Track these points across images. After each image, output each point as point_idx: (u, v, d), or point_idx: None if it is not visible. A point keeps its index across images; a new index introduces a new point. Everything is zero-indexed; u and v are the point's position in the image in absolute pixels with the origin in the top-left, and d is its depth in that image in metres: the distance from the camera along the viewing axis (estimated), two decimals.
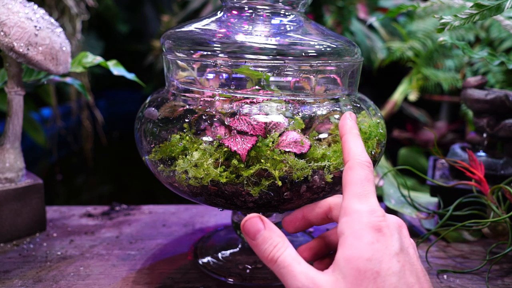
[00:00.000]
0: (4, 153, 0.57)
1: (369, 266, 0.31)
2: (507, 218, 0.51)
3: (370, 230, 0.32)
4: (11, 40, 0.51)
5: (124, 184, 1.33)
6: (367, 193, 0.34)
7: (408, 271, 0.32)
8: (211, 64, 0.43)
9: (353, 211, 0.33)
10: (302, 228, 0.41)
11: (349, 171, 0.36)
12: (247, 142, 0.39)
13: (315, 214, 0.40)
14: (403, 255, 0.32)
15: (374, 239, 0.32)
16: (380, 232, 0.32)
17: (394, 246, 0.32)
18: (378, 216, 0.33)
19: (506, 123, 0.62)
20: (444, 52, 1.06)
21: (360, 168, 0.35)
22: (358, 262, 0.31)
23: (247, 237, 0.35)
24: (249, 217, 0.35)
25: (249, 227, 0.35)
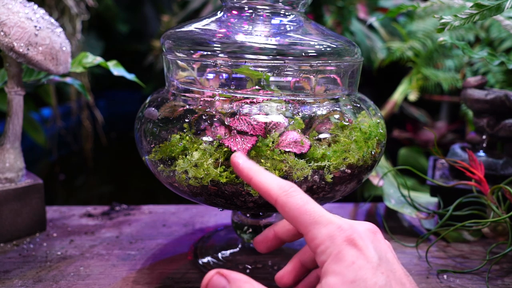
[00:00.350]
0: (4, 153, 0.57)
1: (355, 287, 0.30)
2: (507, 218, 0.51)
3: (346, 247, 0.31)
4: (11, 40, 0.51)
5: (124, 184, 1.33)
6: (319, 215, 0.33)
7: (393, 280, 0.31)
8: (211, 64, 0.43)
9: (323, 238, 0.32)
10: (274, 247, 0.40)
11: (285, 209, 0.33)
12: (247, 142, 0.39)
13: (285, 231, 0.38)
14: (384, 265, 0.31)
15: (353, 257, 0.31)
16: (356, 246, 0.31)
17: (374, 258, 0.31)
18: (344, 229, 0.32)
19: (506, 123, 0.62)
20: (444, 52, 1.06)
21: (289, 198, 0.33)
22: (343, 287, 0.30)
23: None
24: (209, 277, 0.32)
25: (213, 287, 0.32)
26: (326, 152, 0.40)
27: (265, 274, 0.50)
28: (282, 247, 0.55)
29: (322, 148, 0.41)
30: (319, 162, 0.40)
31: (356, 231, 0.32)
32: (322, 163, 0.40)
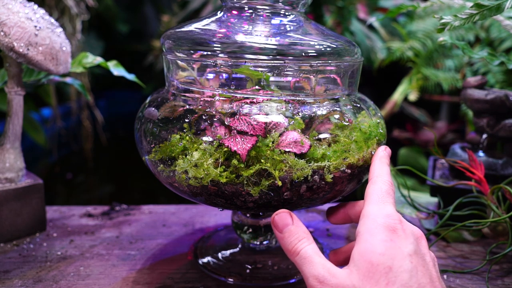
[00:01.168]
0: (4, 153, 0.57)
1: (382, 260, 0.32)
2: (507, 218, 0.51)
3: (384, 229, 0.34)
4: (11, 40, 0.51)
5: (124, 184, 1.33)
6: (386, 202, 0.37)
7: (421, 272, 0.32)
8: (211, 64, 0.43)
9: (370, 213, 0.36)
10: (343, 222, 0.45)
11: (371, 185, 0.39)
12: (247, 142, 0.39)
13: (354, 212, 0.43)
14: (417, 258, 0.33)
15: (387, 237, 0.33)
16: (395, 233, 0.34)
17: (408, 248, 0.33)
18: (393, 219, 0.35)
19: (506, 123, 0.62)
20: (444, 52, 1.06)
21: (382, 183, 0.38)
22: (371, 255, 0.33)
23: (275, 229, 0.39)
24: (279, 212, 0.39)
25: (278, 220, 0.39)
26: (326, 152, 0.40)
27: (265, 274, 0.50)
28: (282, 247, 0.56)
29: (322, 148, 0.41)
30: (319, 162, 0.40)
31: (400, 225, 0.35)
32: (322, 163, 0.40)
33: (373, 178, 0.39)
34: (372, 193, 0.38)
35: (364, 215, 0.36)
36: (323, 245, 0.58)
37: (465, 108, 0.99)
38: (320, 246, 0.57)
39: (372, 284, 0.32)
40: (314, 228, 0.63)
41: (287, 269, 0.51)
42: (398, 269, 0.32)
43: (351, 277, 0.33)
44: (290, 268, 0.52)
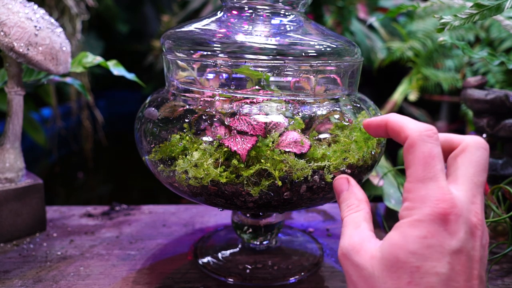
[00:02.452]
0: (4, 153, 0.57)
1: (411, 259, 0.29)
2: (507, 218, 0.51)
3: (431, 221, 0.29)
4: (11, 40, 0.51)
5: (124, 184, 1.33)
6: (433, 175, 0.30)
7: (458, 272, 0.29)
8: (211, 64, 0.43)
9: (417, 197, 0.30)
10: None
11: (409, 150, 0.32)
12: (247, 142, 0.39)
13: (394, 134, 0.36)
14: (459, 256, 0.29)
15: (429, 233, 0.29)
16: (444, 223, 0.29)
17: (451, 245, 0.29)
18: (446, 205, 0.29)
19: (506, 123, 0.62)
20: (444, 52, 1.06)
21: (422, 143, 0.31)
22: (400, 251, 0.29)
23: (336, 195, 0.39)
24: (339, 177, 0.38)
25: (336, 185, 0.39)
26: (326, 152, 0.40)
27: (265, 274, 0.50)
28: (282, 247, 0.56)
29: (322, 148, 0.41)
30: (319, 162, 0.40)
31: (456, 212, 0.29)
32: (322, 163, 0.40)
33: (408, 138, 0.32)
34: (412, 164, 0.31)
35: (409, 197, 0.31)
36: (323, 245, 0.58)
37: (465, 108, 0.99)
38: (320, 246, 0.57)
39: (393, 278, 0.29)
40: (314, 228, 0.63)
41: (287, 269, 0.51)
42: (427, 270, 0.28)
43: (373, 263, 0.30)
44: (290, 268, 0.52)
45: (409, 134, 0.32)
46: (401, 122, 0.34)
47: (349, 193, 0.37)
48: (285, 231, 0.61)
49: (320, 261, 0.54)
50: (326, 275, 0.51)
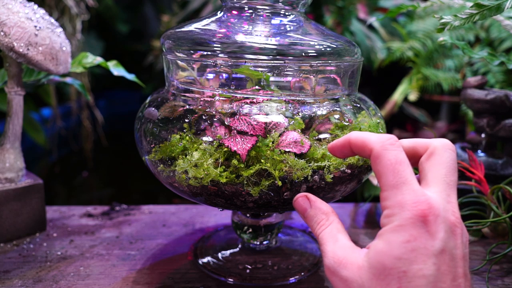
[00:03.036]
0: (4, 153, 0.57)
1: (397, 264, 0.29)
2: (507, 218, 0.51)
3: (412, 225, 0.30)
4: (11, 40, 0.51)
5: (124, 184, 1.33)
6: (404, 180, 0.31)
7: (444, 272, 0.29)
8: (211, 64, 0.43)
9: (394, 204, 0.31)
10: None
11: (376, 161, 0.32)
12: (247, 142, 0.39)
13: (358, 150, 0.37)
14: (443, 256, 0.29)
15: (411, 236, 0.29)
16: (424, 224, 0.29)
17: (435, 246, 0.29)
18: (423, 206, 0.30)
19: (506, 123, 0.62)
20: (444, 52, 1.06)
21: (386, 152, 0.32)
22: (386, 258, 0.30)
23: (299, 214, 0.39)
24: (297, 196, 0.38)
25: (297, 207, 0.38)
26: (326, 152, 0.40)
27: (265, 274, 0.50)
28: (282, 247, 0.56)
29: (322, 148, 0.41)
30: (319, 162, 0.40)
31: (434, 213, 0.30)
32: (322, 163, 0.40)
33: (372, 151, 0.33)
34: (381, 174, 0.32)
35: (387, 204, 0.31)
36: None
37: (465, 108, 0.99)
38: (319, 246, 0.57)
39: (382, 286, 0.29)
40: None
41: (287, 269, 0.51)
42: (415, 274, 0.29)
43: (361, 273, 0.31)
44: (290, 268, 0.52)
45: (372, 147, 0.33)
46: (362, 138, 0.34)
47: (313, 209, 0.37)
48: (285, 231, 0.61)
49: (320, 261, 0.54)
50: (326, 275, 0.51)
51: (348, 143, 0.36)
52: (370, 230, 0.63)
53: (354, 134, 0.35)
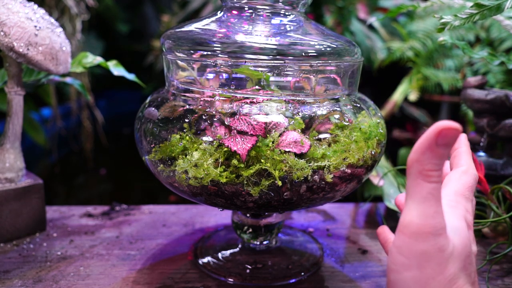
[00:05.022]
0: (4, 153, 0.57)
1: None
2: (507, 218, 0.51)
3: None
4: (11, 40, 0.51)
5: (124, 184, 1.33)
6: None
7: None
8: (211, 64, 0.43)
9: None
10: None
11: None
12: (247, 142, 0.39)
13: None
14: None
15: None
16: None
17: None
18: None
19: (506, 123, 0.62)
20: (444, 52, 1.06)
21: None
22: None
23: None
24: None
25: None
26: (326, 152, 0.40)
27: (265, 274, 0.50)
28: (282, 247, 0.56)
29: (322, 148, 0.41)
30: (319, 162, 0.40)
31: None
32: (322, 163, 0.40)
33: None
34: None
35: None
36: (323, 245, 0.58)
37: (465, 108, 0.99)
38: (320, 246, 0.57)
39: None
40: (314, 228, 0.63)
41: (287, 269, 0.51)
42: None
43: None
44: (290, 268, 0.52)
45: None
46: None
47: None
48: (285, 231, 0.61)
49: (320, 261, 0.54)
50: (326, 275, 0.51)
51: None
52: (370, 230, 0.63)
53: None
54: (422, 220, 0.29)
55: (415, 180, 0.29)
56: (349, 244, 0.59)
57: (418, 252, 0.28)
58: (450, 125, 0.27)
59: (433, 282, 0.28)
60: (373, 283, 0.50)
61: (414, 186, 0.29)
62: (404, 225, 0.29)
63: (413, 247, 0.29)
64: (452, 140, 0.28)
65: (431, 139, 0.28)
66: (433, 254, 0.28)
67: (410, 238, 0.29)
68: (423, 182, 0.29)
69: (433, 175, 0.29)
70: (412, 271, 0.29)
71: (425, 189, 0.29)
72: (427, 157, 0.28)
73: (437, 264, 0.28)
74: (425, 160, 0.28)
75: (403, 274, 0.29)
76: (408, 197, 0.29)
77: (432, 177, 0.29)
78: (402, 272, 0.29)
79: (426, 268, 0.28)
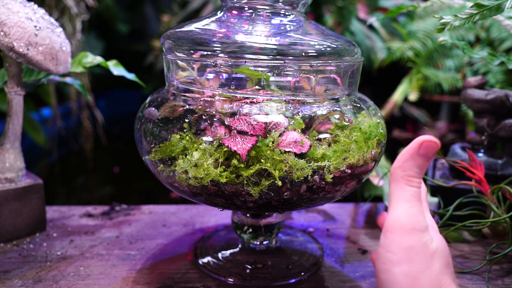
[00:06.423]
0: (4, 153, 0.57)
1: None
2: (507, 218, 0.51)
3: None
4: (11, 40, 0.51)
5: (124, 184, 1.33)
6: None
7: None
8: (211, 64, 0.43)
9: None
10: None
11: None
12: (247, 142, 0.39)
13: None
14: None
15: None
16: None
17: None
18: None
19: (506, 123, 0.62)
20: (444, 52, 1.06)
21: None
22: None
23: None
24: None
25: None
26: (326, 152, 0.40)
27: (265, 274, 0.50)
28: (282, 247, 0.56)
29: (322, 148, 0.41)
30: (319, 162, 0.40)
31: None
32: (322, 163, 0.40)
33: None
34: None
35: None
36: (323, 245, 0.58)
37: (465, 108, 0.99)
38: (320, 246, 0.57)
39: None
40: (314, 228, 0.63)
41: (287, 269, 0.51)
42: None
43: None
44: (290, 268, 0.52)
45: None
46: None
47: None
48: (285, 231, 0.61)
49: (320, 261, 0.54)
50: (326, 275, 0.51)
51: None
52: (370, 230, 0.63)
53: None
54: (407, 218, 0.32)
55: (398, 184, 0.33)
56: (349, 244, 0.59)
57: (405, 246, 0.31)
58: (431, 139, 0.32)
59: (422, 276, 0.31)
60: (373, 283, 0.50)
61: (397, 189, 0.33)
62: (390, 224, 0.32)
63: (400, 242, 0.31)
64: (432, 152, 0.32)
65: (414, 149, 0.32)
66: (419, 249, 0.31)
67: (397, 234, 0.32)
68: (405, 186, 0.33)
69: (414, 181, 0.33)
70: (401, 266, 0.31)
71: (408, 191, 0.32)
72: (409, 164, 0.33)
73: (424, 258, 0.31)
74: (407, 167, 0.33)
75: (393, 270, 0.31)
76: (393, 200, 0.33)
77: (414, 182, 0.33)
78: (392, 269, 0.31)
79: (414, 262, 0.31)
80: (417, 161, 0.32)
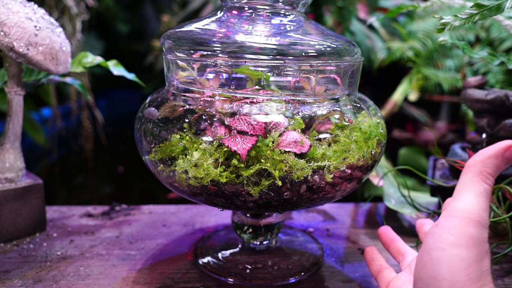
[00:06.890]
0: (4, 153, 0.57)
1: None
2: (507, 218, 0.51)
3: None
4: (11, 40, 0.51)
5: (124, 184, 1.33)
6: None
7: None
8: (211, 64, 0.43)
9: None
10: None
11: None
12: (247, 142, 0.39)
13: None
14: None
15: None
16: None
17: None
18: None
19: (506, 123, 0.62)
20: (444, 52, 1.06)
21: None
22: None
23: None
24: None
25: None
26: (326, 152, 0.40)
27: (265, 274, 0.50)
28: (282, 247, 0.56)
29: (322, 148, 0.41)
30: (319, 162, 0.40)
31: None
32: (322, 163, 0.40)
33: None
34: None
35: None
36: (323, 245, 0.58)
37: (465, 108, 0.99)
38: (320, 246, 0.57)
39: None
40: (314, 228, 0.63)
41: (287, 269, 0.51)
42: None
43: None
44: (290, 268, 0.52)
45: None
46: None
47: None
48: (285, 231, 0.61)
49: (320, 261, 0.54)
50: (326, 275, 0.51)
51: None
52: (370, 230, 0.63)
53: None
54: (475, 210, 0.32)
55: (474, 177, 0.33)
56: (349, 244, 0.59)
57: (468, 235, 0.31)
58: None
59: (475, 265, 0.31)
60: (373, 283, 0.50)
61: (473, 182, 0.33)
62: (457, 210, 0.32)
63: (464, 229, 0.32)
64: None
65: (500, 149, 0.33)
66: (478, 241, 0.31)
67: (462, 221, 0.32)
68: (481, 181, 0.33)
69: (490, 178, 0.33)
70: (459, 249, 0.31)
71: (482, 187, 0.33)
72: (491, 162, 0.33)
73: (480, 251, 0.31)
74: (489, 164, 0.33)
75: (450, 251, 0.31)
76: (464, 189, 0.33)
77: (489, 179, 0.33)
78: (449, 250, 0.31)
79: (471, 251, 0.31)
80: (499, 162, 0.33)
